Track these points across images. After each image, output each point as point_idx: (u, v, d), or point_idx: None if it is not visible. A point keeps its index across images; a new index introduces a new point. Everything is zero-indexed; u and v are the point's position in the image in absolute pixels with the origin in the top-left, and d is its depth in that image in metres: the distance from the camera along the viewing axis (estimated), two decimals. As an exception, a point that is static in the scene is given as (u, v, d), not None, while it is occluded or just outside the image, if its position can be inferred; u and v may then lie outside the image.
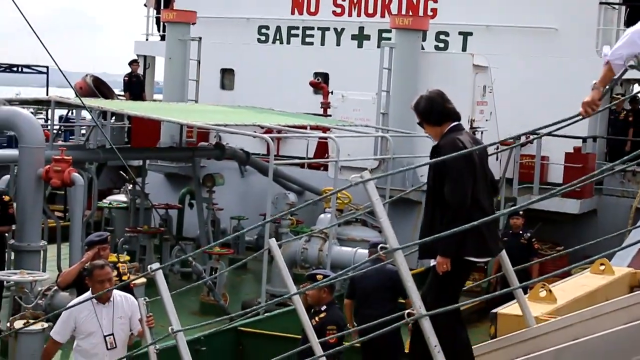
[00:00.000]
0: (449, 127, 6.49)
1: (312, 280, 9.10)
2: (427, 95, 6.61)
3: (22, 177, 13.02)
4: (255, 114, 18.51)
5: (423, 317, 5.56)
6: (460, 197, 6.19)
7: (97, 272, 8.30)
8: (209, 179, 18.79)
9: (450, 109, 6.53)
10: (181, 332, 5.97)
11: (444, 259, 6.27)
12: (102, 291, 8.21)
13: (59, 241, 15.93)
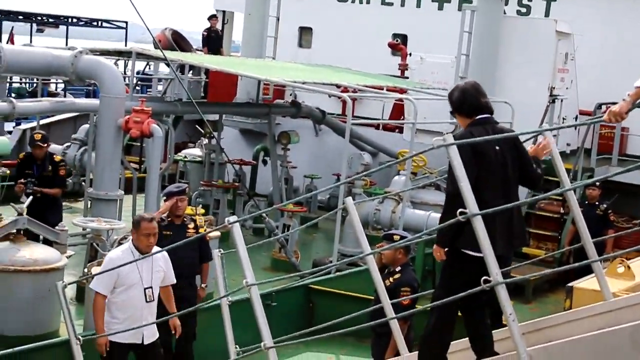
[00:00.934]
0: (477, 118, 6.44)
1: (389, 240, 9.07)
2: (462, 86, 6.62)
3: (101, 127, 13.16)
4: (333, 72, 18.44)
5: (499, 285, 5.49)
6: (453, 187, 6.03)
7: (145, 224, 8.35)
8: (284, 136, 18.82)
9: (482, 102, 6.48)
10: (255, 286, 5.99)
11: (437, 247, 6.45)
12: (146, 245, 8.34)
13: (135, 192, 16.15)
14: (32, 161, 12.80)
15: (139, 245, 8.32)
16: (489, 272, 5.49)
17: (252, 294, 6.00)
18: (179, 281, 9.82)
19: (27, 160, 12.82)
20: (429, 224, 15.02)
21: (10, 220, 10.56)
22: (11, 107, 12.80)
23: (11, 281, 9.91)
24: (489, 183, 6.27)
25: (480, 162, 6.22)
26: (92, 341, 8.01)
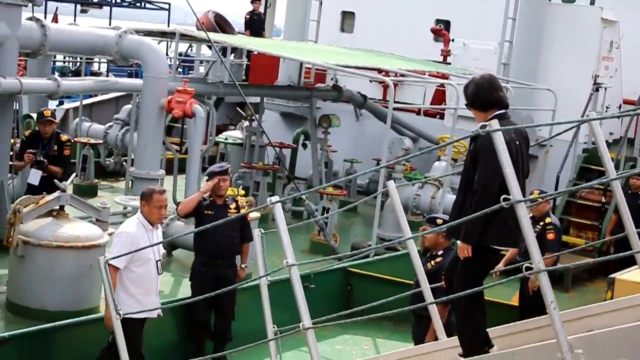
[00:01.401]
0: (494, 114, 6.45)
1: (432, 223, 9.07)
2: (477, 80, 6.64)
3: (144, 107, 13.25)
4: (375, 57, 18.39)
5: (541, 272, 5.45)
6: (485, 184, 6.21)
7: (157, 197, 8.41)
8: (325, 119, 18.82)
9: (496, 97, 6.53)
10: (295, 266, 6.00)
11: (464, 245, 6.40)
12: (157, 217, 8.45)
13: (176, 173, 16.24)
14: (39, 139, 12.33)
15: (150, 217, 8.38)
16: (532, 260, 5.46)
17: (292, 274, 6.02)
18: (219, 261, 9.94)
19: (33, 138, 12.39)
20: (468, 210, 14.94)
21: (53, 196, 10.66)
22: (56, 85, 12.90)
23: (53, 257, 10.02)
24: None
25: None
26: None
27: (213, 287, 9.48)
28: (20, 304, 10.36)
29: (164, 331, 9.98)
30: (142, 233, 8.24)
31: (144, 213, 8.41)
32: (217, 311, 10.06)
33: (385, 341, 11.49)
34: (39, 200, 10.58)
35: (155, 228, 8.50)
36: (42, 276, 10.12)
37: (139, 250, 8.12)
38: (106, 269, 7.45)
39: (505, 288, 12.29)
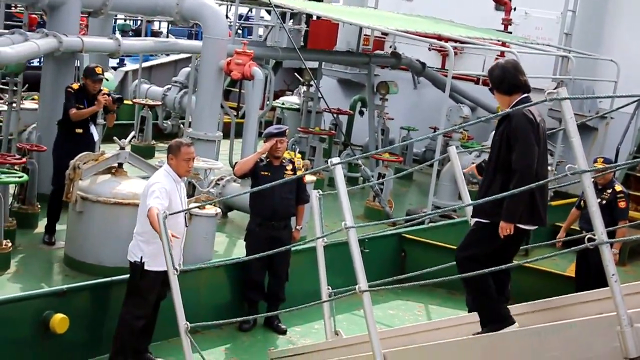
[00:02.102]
0: (519, 98, 6.64)
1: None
2: (503, 64, 6.80)
3: (203, 68, 13.27)
4: (435, 24, 18.21)
5: (604, 244, 5.36)
6: (526, 163, 6.40)
7: (185, 149, 8.30)
8: (383, 86, 18.72)
9: (521, 81, 6.67)
10: (353, 229, 5.97)
11: (507, 224, 6.48)
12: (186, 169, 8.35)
13: (232, 136, 16.30)
14: (85, 95, 11.60)
15: (179, 170, 8.28)
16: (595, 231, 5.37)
17: (350, 236, 5.98)
18: (274, 222, 9.96)
19: (80, 93, 11.58)
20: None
21: (112, 154, 10.75)
22: (116, 44, 12.99)
23: (111, 213, 10.10)
24: (541, 158, 6.59)
25: (538, 140, 6.52)
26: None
27: (267, 248, 9.50)
28: (77, 259, 10.49)
29: (218, 291, 10.06)
30: (172, 186, 8.17)
31: (172, 166, 8.30)
32: (271, 272, 10.10)
33: (438, 308, 11.46)
34: (98, 157, 10.68)
35: (181, 181, 8.42)
36: (99, 232, 10.23)
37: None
38: (164, 224, 7.37)
39: (560, 260, 12.21)
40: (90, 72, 11.47)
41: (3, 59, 10.21)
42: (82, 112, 11.35)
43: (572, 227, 11.63)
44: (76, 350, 8.50)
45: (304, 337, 10.00)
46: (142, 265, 8.09)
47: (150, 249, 8.10)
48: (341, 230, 6.01)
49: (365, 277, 6.00)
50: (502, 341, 5.46)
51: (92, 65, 11.76)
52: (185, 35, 29.13)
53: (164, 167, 8.40)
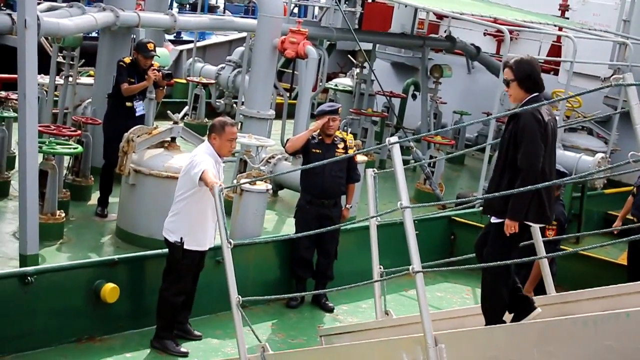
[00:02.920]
0: (532, 96, 6.66)
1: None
2: (530, 60, 6.79)
3: (258, 46, 13.29)
4: (491, 7, 18.05)
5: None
6: (530, 161, 6.46)
7: (229, 129, 8.17)
8: (436, 69, 18.62)
9: (541, 80, 6.75)
10: (409, 209, 5.92)
11: (512, 222, 6.55)
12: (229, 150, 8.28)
13: (285, 117, 16.31)
14: (136, 69, 11.61)
15: (221, 150, 8.17)
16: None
17: (406, 216, 5.91)
18: (324, 200, 9.96)
19: (131, 67, 11.59)
20: (578, 167, 14.72)
21: (165, 128, 10.83)
22: (172, 20, 13.08)
23: (163, 187, 10.15)
24: (548, 157, 6.62)
25: (546, 138, 6.57)
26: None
27: (317, 225, 9.55)
28: (129, 231, 10.61)
29: (267, 267, 10.10)
30: (213, 165, 8.04)
31: (214, 145, 8.17)
32: (320, 250, 10.12)
33: (486, 292, 11.39)
34: (152, 130, 10.76)
35: (221, 161, 8.30)
36: (151, 205, 10.31)
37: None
38: (220, 196, 7.33)
39: (611, 248, 12.07)
40: (142, 47, 11.53)
41: (62, 30, 10.33)
42: (133, 87, 11.44)
43: (628, 216, 11.51)
44: (125, 319, 8.61)
45: (351, 315, 10.01)
46: (182, 244, 8.11)
47: (190, 228, 8.10)
48: (396, 210, 5.93)
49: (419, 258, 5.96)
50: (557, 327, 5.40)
51: (144, 40, 11.83)
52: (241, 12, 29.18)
53: (205, 146, 8.28)
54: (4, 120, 12.10)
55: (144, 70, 11.51)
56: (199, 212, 8.12)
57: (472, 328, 6.64)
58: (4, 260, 9.52)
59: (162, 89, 12.03)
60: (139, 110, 11.58)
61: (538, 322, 6.09)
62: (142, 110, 11.65)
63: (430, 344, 5.51)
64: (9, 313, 7.79)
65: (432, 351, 5.48)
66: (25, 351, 7.85)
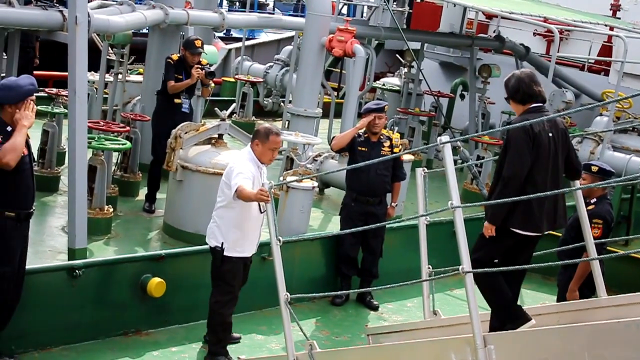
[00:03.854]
0: (531, 107, 6.89)
1: (587, 170, 8.85)
2: (518, 74, 7.02)
3: (306, 44, 13.30)
4: (541, 6, 17.90)
5: None
6: (511, 171, 6.67)
7: (273, 138, 7.92)
8: (485, 69, 18.48)
9: (535, 91, 6.90)
10: (460, 209, 5.89)
11: (489, 225, 6.88)
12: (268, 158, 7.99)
13: (332, 116, 16.33)
14: (183, 66, 11.64)
15: (263, 158, 7.94)
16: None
17: (456, 216, 5.89)
18: (369, 197, 9.96)
19: (179, 64, 11.63)
20: (628, 168, 14.53)
21: (213, 124, 10.90)
22: (221, 18, 13.15)
23: (210, 183, 10.16)
24: (541, 167, 6.76)
25: (537, 148, 6.70)
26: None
27: (362, 223, 9.54)
28: (176, 227, 10.69)
29: (312, 264, 10.13)
30: (256, 171, 7.86)
31: (255, 152, 7.93)
32: (365, 248, 10.12)
33: (533, 293, 11.30)
34: (200, 127, 10.83)
35: (263, 166, 8.09)
36: (198, 201, 10.37)
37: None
38: (271, 192, 7.29)
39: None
40: (190, 44, 11.60)
41: (112, 27, 10.43)
42: (178, 85, 11.52)
43: None
44: (171, 314, 8.70)
45: (396, 314, 10.01)
46: (222, 251, 7.92)
47: (231, 235, 7.91)
48: (446, 209, 5.91)
49: (469, 259, 5.94)
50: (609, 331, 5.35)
51: (192, 37, 11.89)
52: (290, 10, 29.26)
53: (246, 151, 8.06)
54: (54, 117, 12.27)
55: (192, 67, 11.57)
56: (239, 218, 7.91)
57: (521, 330, 6.62)
58: (53, 254, 9.65)
59: (208, 86, 12.08)
60: (184, 107, 11.64)
61: (590, 325, 6.04)
62: (187, 107, 11.70)
63: (480, 344, 5.49)
64: (57, 305, 7.92)
65: (482, 352, 5.47)
66: (72, 343, 7.97)
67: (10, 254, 7.09)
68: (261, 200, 7.34)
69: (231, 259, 7.95)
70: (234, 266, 8.01)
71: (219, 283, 8.04)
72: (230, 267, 7.98)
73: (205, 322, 8.32)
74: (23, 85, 7.06)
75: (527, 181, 6.70)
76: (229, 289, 8.02)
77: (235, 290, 8.08)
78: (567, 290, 8.60)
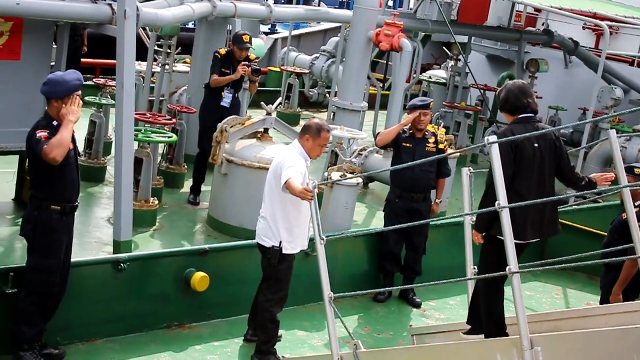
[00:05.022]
0: (520, 117, 7.04)
1: (630, 173, 8.75)
2: (509, 86, 7.20)
3: (352, 38, 13.28)
4: (591, 1, 17.69)
5: None
6: (490, 181, 6.67)
7: (324, 134, 7.86)
8: (533, 63, 18.35)
9: (524, 102, 7.04)
10: (507, 209, 5.85)
11: (475, 232, 7.17)
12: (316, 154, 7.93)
13: (377, 108, 16.29)
14: (231, 60, 11.66)
15: (312, 152, 7.86)
16: None
17: (504, 217, 5.86)
18: (414, 194, 9.91)
19: (227, 58, 11.65)
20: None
21: (258, 118, 10.92)
22: (268, 11, 13.17)
23: (254, 177, 10.22)
24: (525, 176, 6.89)
25: (520, 157, 6.83)
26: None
27: (406, 220, 9.52)
28: (220, 220, 10.74)
29: (355, 260, 10.11)
30: (304, 166, 7.77)
31: (305, 147, 7.83)
32: (409, 244, 10.08)
33: (577, 292, 11.25)
34: (245, 121, 10.86)
35: (309, 160, 7.98)
36: (242, 195, 10.42)
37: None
38: (314, 190, 7.24)
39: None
40: (238, 39, 11.62)
41: (160, 20, 10.48)
42: (220, 79, 11.54)
43: None
44: (214, 308, 8.73)
45: (439, 311, 9.97)
46: (281, 249, 7.80)
47: (285, 232, 7.80)
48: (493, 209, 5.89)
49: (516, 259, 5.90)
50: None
51: (240, 32, 11.89)
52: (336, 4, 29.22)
53: (295, 146, 7.93)
54: (101, 107, 12.37)
55: (239, 62, 11.57)
56: (291, 216, 7.81)
57: (569, 331, 6.56)
58: (99, 245, 9.74)
59: (255, 82, 12.08)
60: (224, 102, 11.63)
61: (639, 327, 5.98)
62: (227, 102, 11.68)
63: (526, 346, 5.45)
64: (102, 298, 7.99)
65: (528, 354, 5.43)
66: (116, 335, 8.03)
67: (56, 247, 7.16)
68: (304, 199, 7.31)
69: (287, 257, 7.88)
70: (290, 264, 7.97)
71: (272, 282, 7.95)
72: (287, 266, 7.93)
73: (247, 316, 8.38)
74: (69, 80, 7.11)
75: (511, 190, 6.61)
76: (281, 287, 7.96)
77: (286, 288, 8.02)
78: (611, 293, 8.50)
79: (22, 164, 10.18)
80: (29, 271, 7.16)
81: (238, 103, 11.99)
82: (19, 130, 9.02)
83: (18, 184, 10.48)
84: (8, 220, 10.15)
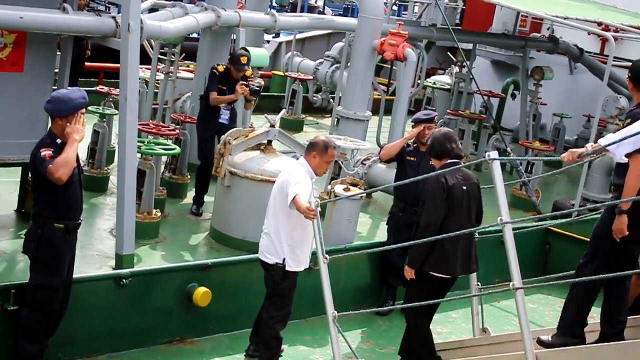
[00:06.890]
0: (445, 162, 7.75)
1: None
2: (434, 134, 8.00)
3: (357, 46, 13.27)
4: (596, 9, 17.64)
5: None
6: (427, 219, 7.56)
7: (331, 151, 7.85)
8: (537, 71, 18.30)
9: (448, 148, 7.78)
10: (510, 224, 5.84)
11: (408, 268, 7.72)
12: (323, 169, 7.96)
13: (381, 114, 16.25)
14: (228, 78, 11.67)
15: (318, 169, 7.84)
16: None
17: (506, 232, 5.86)
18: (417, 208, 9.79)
19: (224, 75, 11.66)
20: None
21: (262, 131, 10.89)
22: (273, 20, 13.17)
23: (258, 190, 10.19)
24: (455, 216, 7.57)
25: (451, 198, 7.56)
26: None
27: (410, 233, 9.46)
28: (223, 232, 10.72)
29: (358, 273, 10.08)
30: (310, 184, 7.73)
31: (312, 164, 7.80)
32: (411, 258, 10.03)
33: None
34: (248, 133, 10.84)
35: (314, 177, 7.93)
36: (246, 207, 10.40)
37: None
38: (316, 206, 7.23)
39: None
40: (236, 60, 11.55)
41: (164, 33, 10.45)
42: (220, 98, 11.57)
43: None
44: (216, 323, 8.71)
45: (441, 325, 9.90)
46: (284, 266, 7.74)
47: (289, 250, 7.75)
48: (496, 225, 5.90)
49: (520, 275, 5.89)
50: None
51: (238, 52, 11.79)
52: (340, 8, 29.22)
53: (302, 164, 7.89)
54: (104, 117, 12.35)
55: (236, 81, 11.57)
56: (296, 232, 7.76)
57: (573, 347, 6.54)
58: (101, 258, 9.73)
59: (251, 102, 12.06)
60: (222, 119, 11.64)
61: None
62: (225, 119, 11.68)
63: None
64: (103, 313, 7.97)
65: (533, 370, 5.44)
66: (118, 351, 8.02)
67: (59, 264, 7.15)
68: (307, 217, 7.29)
69: (291, 275, 7.83)
70: (293, 281, 7.92)
71: (276, 299, 7.90)
72: (290, 283, 7.88)
73: (249, 331, 8.34)
74: (74, 99, 7.08)
75: (443, 228, 7.39)
76: (285, 304, 7.92)
77: (290, 305, 7.98)
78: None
79: (25, 176, 10.17)
80: (32, 289, 7.15)
81: (235, 114, 11.97)
82: (22, 142, 9.04)
83: (21, 195, 10.47)
84: (10, 233, 10.13)
